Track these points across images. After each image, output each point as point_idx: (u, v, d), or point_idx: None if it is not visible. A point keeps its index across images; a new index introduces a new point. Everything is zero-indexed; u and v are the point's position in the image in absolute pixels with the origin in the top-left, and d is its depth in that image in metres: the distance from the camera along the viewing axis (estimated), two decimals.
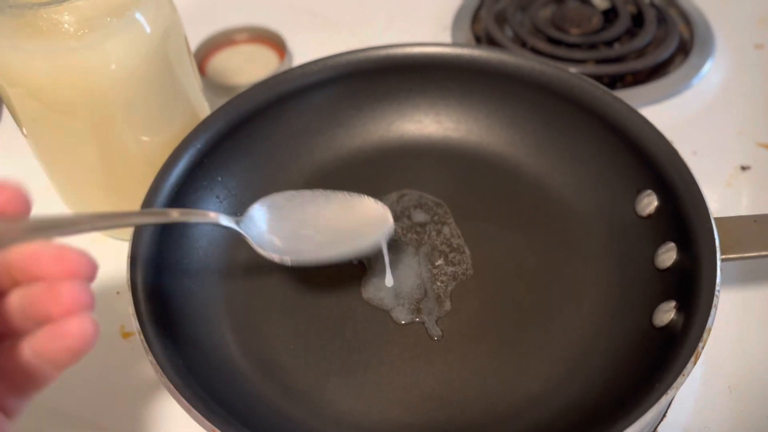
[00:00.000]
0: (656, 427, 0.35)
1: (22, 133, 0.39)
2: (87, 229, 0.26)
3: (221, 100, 0.54)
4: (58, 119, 0.36)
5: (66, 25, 0.33)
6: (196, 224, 0.39)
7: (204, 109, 0.44)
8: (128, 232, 0.35)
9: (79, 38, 0.33)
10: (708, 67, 0.55)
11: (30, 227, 0.23)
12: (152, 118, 0.39)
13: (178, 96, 0.40)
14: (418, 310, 0.38)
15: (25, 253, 0.22)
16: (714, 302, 0.30)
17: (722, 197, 0.46)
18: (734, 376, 0.37)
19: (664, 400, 0.28)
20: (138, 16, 0.35)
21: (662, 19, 0.59)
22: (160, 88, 0.38)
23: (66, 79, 0.34)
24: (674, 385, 0.28)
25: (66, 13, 0.33)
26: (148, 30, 0.36)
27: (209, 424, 0.28)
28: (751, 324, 0.39)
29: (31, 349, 0.23)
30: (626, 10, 0.59)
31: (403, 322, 0.37)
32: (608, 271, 0.38)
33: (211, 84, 0.55)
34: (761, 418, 0.35)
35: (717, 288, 0.31)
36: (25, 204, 0.23)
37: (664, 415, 0.35)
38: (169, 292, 0.35)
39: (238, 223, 0.35)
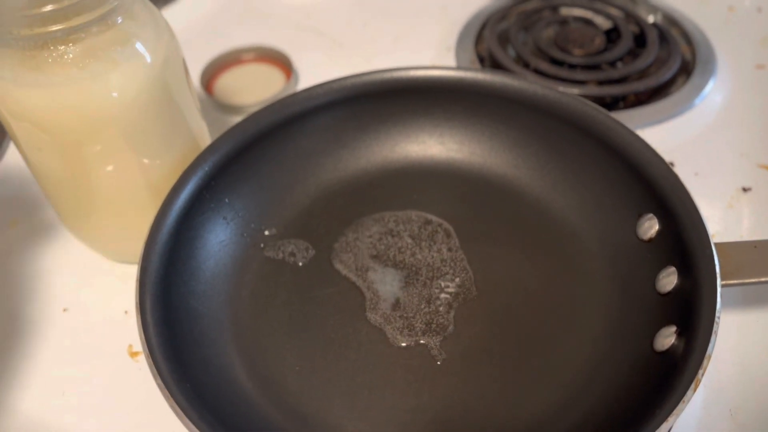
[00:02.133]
0: None
1: (25, 161, 0.40)
2: None
3: (228, 119, 0.55)
4: (61, 148, 0.37)
5: (70, 56, 0.34)
6: (204, 245, 0.40)
7: (203, 132, 0.45)
8: (136, 255, 0.36)
9: (81, 69, 0.34)
10: (710, 87, 0.55)
11: None
12: (153, 142, 0.39)
13: (177, 121, 0.41)
14: (421, 332, 0.38)
15: None
16: (714, 329, 0.31)
17: (724, 219, 0.46)
18: (736, 400, 0.37)
19: (664, 427, 0.28)
20: (138, 46, 0.36)
21: (664, 39, 0.59)
22: (160, 114, 0.39)
23: (69, 108, 0.35)
24: (674, 412, 0.28)
25: (70, 44, 0.34)
26: (149, 59, 0.37)
27: None
28: (752, 347, 0.39)
29: None
30: (628, 30, 0.59)
31: (406, 344, 0.38)
32: (610, 294, 0.39)
33: (219, 103, 0.56)
34: None
35: (717, 314, 0.31)
36: None
37: None
38: (176, 315, 0.35)
39: None
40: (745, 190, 0.48)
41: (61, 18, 0.33)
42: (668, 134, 0.52)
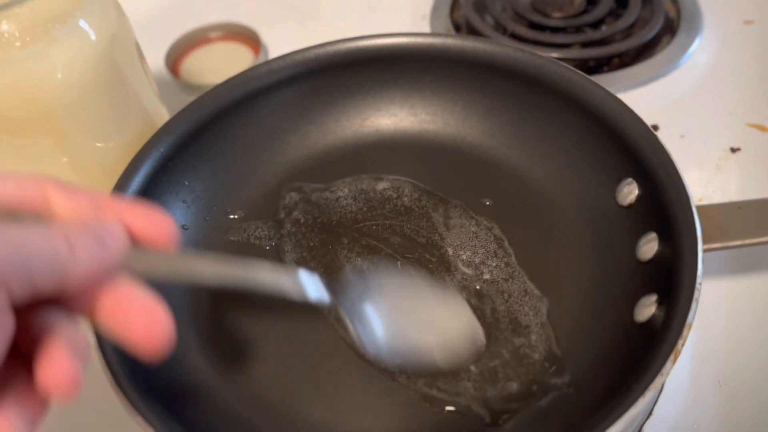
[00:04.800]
0: (641, 426, 0.33)
1: None
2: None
3: None
4: (10, 133, 0.35)
5: (6, 35, 0.32)
6: None
7: (160, 113, 0.43)
8: None
9: (21, 48, 0.32)
10: (696, 45, 0.53)
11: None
12: (104, 124, 0.38)
13: (129, 102, 0.39)
14: None
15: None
16: (695, 296, 0.29)
17: (711, 181, 0.44)
18: (724, 371, 0.35)
19: (641, 402, 0.26)
20: (82, 23, 0.34)
21: None
22: (110, 94, 0.37)
23: (10, 91, 0.33)
24: (651, 386, 0.26)
25: (5, 21, 0.32)
26: (93, 37, 0.35)
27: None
28: (740, 316, 0.37)
29: None
30: None
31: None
32: (589, 264, 0.37)
33: (186, 84, 0.54)
34: (752, 413, 0.34)
35: (698, 281, 0.29)
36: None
37: (650, 414, 0.34)
38: None
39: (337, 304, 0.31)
40: (733, 150, 0.46)
41: None
42: (653, 96, 0.50)
